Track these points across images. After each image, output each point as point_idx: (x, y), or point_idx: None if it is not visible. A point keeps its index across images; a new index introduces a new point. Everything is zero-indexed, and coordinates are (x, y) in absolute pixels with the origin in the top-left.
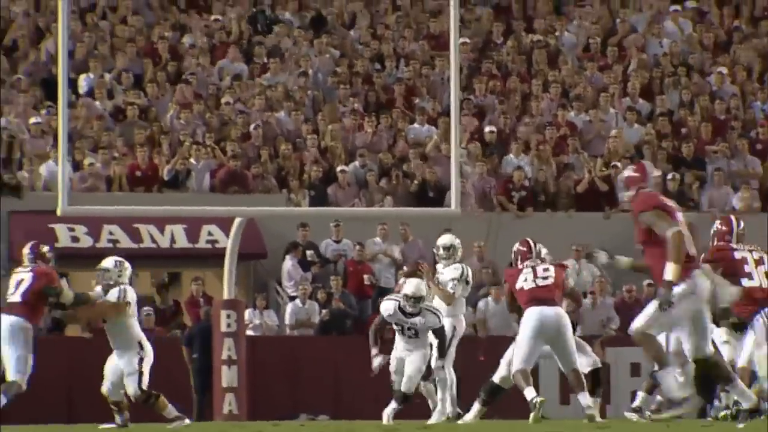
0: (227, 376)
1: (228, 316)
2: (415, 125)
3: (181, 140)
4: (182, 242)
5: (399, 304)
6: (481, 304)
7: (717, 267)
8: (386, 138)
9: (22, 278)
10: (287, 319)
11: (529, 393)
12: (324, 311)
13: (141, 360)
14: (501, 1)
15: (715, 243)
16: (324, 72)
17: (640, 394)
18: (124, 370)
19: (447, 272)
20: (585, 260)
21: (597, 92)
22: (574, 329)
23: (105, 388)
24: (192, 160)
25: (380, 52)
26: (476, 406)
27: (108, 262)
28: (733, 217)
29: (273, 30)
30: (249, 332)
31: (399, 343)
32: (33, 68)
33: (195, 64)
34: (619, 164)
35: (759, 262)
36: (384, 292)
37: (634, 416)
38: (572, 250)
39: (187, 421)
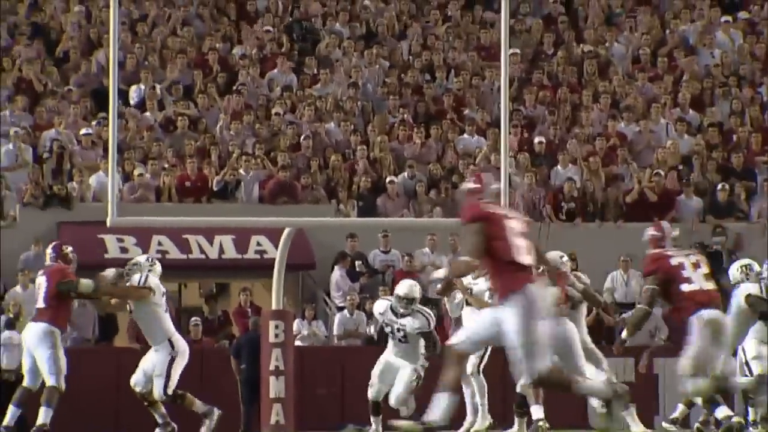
0: (275, 387)
1: (276, 327)
2: (465, 136)
3: (230, 151)
4: (231, 253)
5: (391, 305)
6: None
7: (657, 278)
8: (435, 149)
9: (40, 282)
10: (335, 330)
11: (537, 412)
12: (371, 321)
13: (172, 361)
14: (551, 11)
15: (651, 251)
16: (374, 83)
17: (680, 407)
18: (155, 370)
19: (482, 283)
20: None
21: (647, 103)
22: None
23: (134, 379)
24: (241, 171)
25: (430, 62)
26: (517, 420)
27: (141, 258)
28: (666, 223)
29: (309, 39)
30: (297, 343)
31: (390, 348)
32: (84, 79)
33: (245, 75)
34: (661, 172)
35: (696, 266)
36: (431, 302)
37: (672, 428)
38: (620, 261)
39: (217, 412)
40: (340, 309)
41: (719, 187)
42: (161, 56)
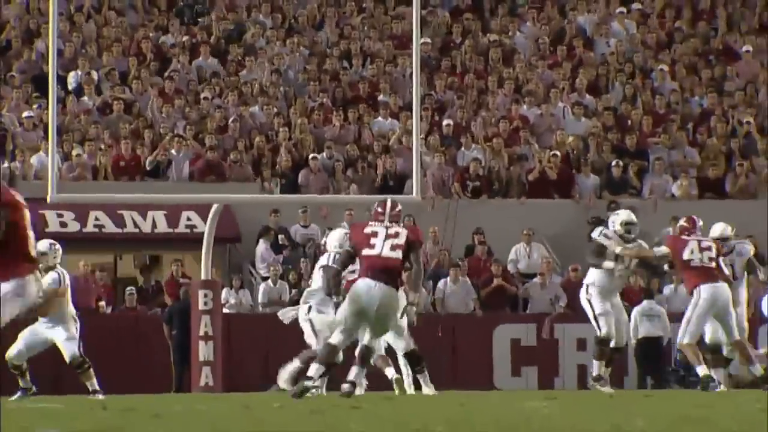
0: (204, 351)
1: (205, 295)
2: (379, 119)
3: (162, 133)
4: (163, 227)
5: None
6: (440, 284)
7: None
8: (352, 131)
9: None
10: (260, 298)
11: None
12: (294, 291)
13: (77, 330)
14: (459, 3)
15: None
16: (295, 69)
17: (595, 363)
18: (60, 336)
19: None
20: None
21: (547, 88)
22: (525, 307)
23: (13, 351)
24: (172, 151)
25: (347, 51)
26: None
27: (43, 246)
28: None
29: (199, 22)
30: (225, 310)
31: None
32: (25, 66)
33: (176, 62)
34: (558, 153)
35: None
36: None
37: (596, 385)
38: (523, 234)
39: (102, 396)
40: (265, 279)
41: (613, 164)
42: (98, 44)
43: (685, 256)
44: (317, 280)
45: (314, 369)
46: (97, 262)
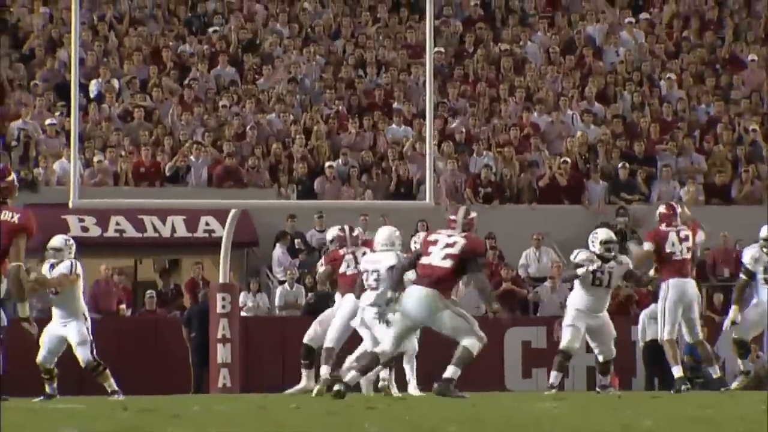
0: (222, 353)
1: (223, 299)
2: (393, 126)
3: (181, 140)
4: (182, 232)
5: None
6: None
7: None
8: (367, 138)
9: None
10: (277, 302)
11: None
12: (310, 294)
13: (88, 329)
14: (472, 14)
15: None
16: (311, 78)
17: (553, 373)
18: (73, 339)
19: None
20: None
21: (557, 96)
22: (536, 310)
23: (40, 357)
24: (191, 158)
25: (362, 59)
26: (305, 373)
27: (58, 242)
28: None
29: (207, 32)
30: (242, 313)
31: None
32: (48, 74)
33: (195, 70)
34: (568, 159)
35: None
36: None
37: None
38: (533, 239)
39: (121, 396)
40: (281, 283)
41: (620, 166)
42: (119, 53)
43: (668, 249)
44: (385, 279)
45: (350, 376)
46: (117, 266)
